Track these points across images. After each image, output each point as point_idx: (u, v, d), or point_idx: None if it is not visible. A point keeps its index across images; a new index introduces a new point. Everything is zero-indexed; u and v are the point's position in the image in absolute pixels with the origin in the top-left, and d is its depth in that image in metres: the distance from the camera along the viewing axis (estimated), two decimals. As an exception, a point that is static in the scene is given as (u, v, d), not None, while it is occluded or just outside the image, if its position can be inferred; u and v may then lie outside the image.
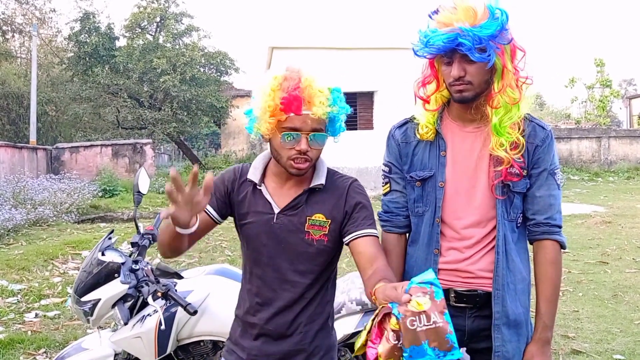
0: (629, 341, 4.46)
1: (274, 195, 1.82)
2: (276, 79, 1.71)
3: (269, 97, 1.69)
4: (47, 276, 6.74)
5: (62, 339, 4.52)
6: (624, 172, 22.19)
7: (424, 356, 1.28)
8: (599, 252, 8.03)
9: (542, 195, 1.84)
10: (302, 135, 1.69)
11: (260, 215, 1.81)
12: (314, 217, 1.79)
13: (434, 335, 1.29)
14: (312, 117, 1.69)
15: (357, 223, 1.78)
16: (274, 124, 1.70)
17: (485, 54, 1.68)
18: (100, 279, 2.55)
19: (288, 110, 1.68)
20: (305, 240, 1.79)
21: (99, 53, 23.75)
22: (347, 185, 1.84)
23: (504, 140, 1.78)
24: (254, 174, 1.84)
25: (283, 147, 1.71)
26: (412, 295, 1.31)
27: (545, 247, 1.85)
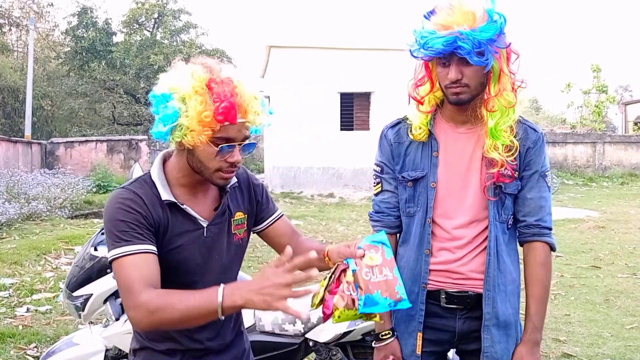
0: (619, 346, 4.47)
1: (193, 207, 1.62)
2: (200, 80, 1.48)
3: (200, 106, 1.45)
4: (40, 271, 6.71)
5: (54, 334, 4.50)
6: (618, 177, 22.29)
7: (376, 304, 1.38)
8: (591, 256, 8.06)
9: (532, 197, 1.85)
10: (237, 145, 1.53)
11: (188, 235, 1.61)
12: (236, 217, 1.71)
13: (385, 286, 1.41)
14: (248, 125, 1.54)
15: (268, 209, 1.79)
16: (208, 136, 1.48)
17: (484, 58, 1.69)
18: (93, 274, 2.55)
19: (224, 119, 1.47)
20: (234, 244, 1.71)
21: (96, 48, 23.73)
22: (247, 176, 1.79)
23: (499, 144, 1.79)
24: (167, 194, 1.58)
25: (213, 159, 1.52)
26: (365, 251, 1.43)
27: (536, 249, 1.86)
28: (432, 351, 1.91)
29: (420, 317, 1.87)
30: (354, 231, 10.20)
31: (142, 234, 1.50)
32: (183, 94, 1.47)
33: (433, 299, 1.88)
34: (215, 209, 1.67)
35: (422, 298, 1.87)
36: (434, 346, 1.90)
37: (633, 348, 4.42)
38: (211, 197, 1.68)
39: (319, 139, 16.08)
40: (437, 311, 1.87)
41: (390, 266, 1.43)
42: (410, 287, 1.89)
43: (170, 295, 1.40)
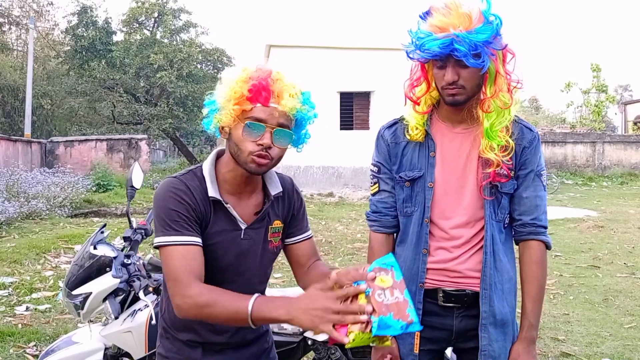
0: (618, 345, 4.48)
1: (236, 208, 1.67)
2: (245, 70, 1.60)
3: (236, 85, 1.57)
4: (39, 270, 6.72)
5: (53, 333, 4.51)
6: (618, 177, 22.31)
7: (389, 327, 1.37)
8: (590, 256, 8.07)
9: (528, 196, 1.86)
10: (267, 128, 1.57)
11: (226, 234, 1.66)
12: (274, 225, 1.75)
13: (396, 308, 1.39)
14: (280, 110, 1.58)
15: (300, 226, 1.82)
16: (238, 112, 1.57)
17: (480, 60, 1.69)
18: (92, 273, 2.54)
19: (255, 99, 1.56)
20: (269, 250, 1.75)
21: (96, 47, 23.71)
22: (291, 187, 1.82)
23: (494, 144, 1.79)
24: (214, 191, 1.64)
25: (245, 139, 1.57)
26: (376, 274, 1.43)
27: (531, 247, 1.87)
28: (430, 349, 1.91)
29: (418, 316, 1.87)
30: (353, 230, 10.20)
31: (191, 226, 1.58)
32: (225, 79, 1.61)
33: (430, 297, 1.88)
34: (256, 213, 1.71)
35: (419, 297, 1.87)
36: (431, 344, 1.91)
37: (631, 347, 4.43)
38: (254, 201, 1.73)
39: (319, 138, 15.94)
40: (435, 310, 1.88)
41: (400, 288, 1.42)
42: (408, 285, 1.89)
43: (220, 294, 1.47)
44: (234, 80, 1.58)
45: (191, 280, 1.50)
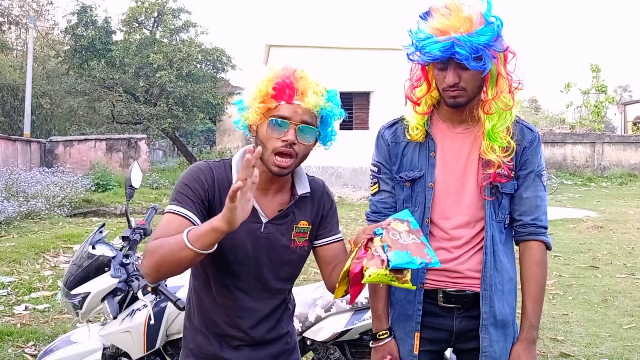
0: (617, 345, 4.48)
1: (258, 202, 1.70)
2: (272, 70, 1.67)
3: (261, 84, 1.64)
4: (38, 269, 6.72)
5: (52, 332, 4.50)
6: (617, 177, 22.32)
7: (407, 261, 1.40)
8: (590, 256, 8.07)
9: (529, 196, 1.86)
10: (291, 124, 1.62)
11: (246, 225, 1.60)
12: (300, 225, 1.76)
13: (414, 248, 1.43)
14: (304, 107, 1.63)
15: (330, 228, 1.83)
16: (263, 110, 1.63)
17: (481, 62, 1.69)
18: (91, 273, 2.54)
19: (279, 97, 1.62)
20: (291, 249, 1.75)
21: (96, 47, 23.67)
22: (322, 190, 1.84)
23: (496, 146, 1.79)
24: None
25: (270, 136, 1.62)
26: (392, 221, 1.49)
27: (532, 248, 1.86)
28: (430, 350, 1.91)
29: (417, 317, 1.87)
30: (352, 230, 10.20)
31: (193, 202, 1.63)
32: (252, 79, 1.67)
33: (430, 298, 1.88)
34: (280, 211, 1.74)
35: (419, 298, 1.87)
36: (431, 345, 1.90)
37: (631, 348, 4.43)
38: (280, 199, 1.76)
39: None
40: (435, 310, 1.88)
41: (417, 234, 1.46)
42: None
43: (167, 238, 1.50)
44: (260, 80, 1.65)
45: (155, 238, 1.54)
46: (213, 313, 1.76)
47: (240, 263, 1.70)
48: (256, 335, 1.76)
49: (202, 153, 28.47)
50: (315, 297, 2.81)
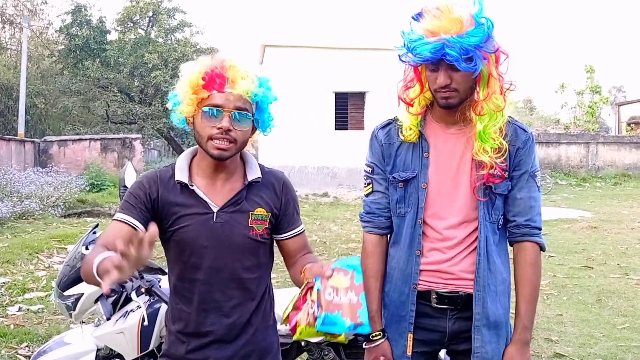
0: (611, 346, 4.50)
1: (207, 193, 1.74)
2: (201, 61, 1.70)
3: (192, 76, 1.67)
4: (32, 270, 6.69)
5: (45, 333, 4.48)
6: (611, 177, 22.41)
7: (335, 324, 1.43)
8: (584, 256, 8.10)
9: (522, 197, 1.86)
10: (225, 112, 1.65)
11: (196, 217, 1.72)
12: (257, 212, 1.77)
13: (347, 309, 1.45)
14: (235, 94, 1.66)
15: (290, 221, 1.85)
16: (196, 101, 1.67)
17: (472, 64, 1.69)
18: (84, 274, 2.53)
19: (210, 87, 1.66)
20: (250, 237, 1.76)
21: (90, 46, 23.62)
22: (281, 180, 1.86)
23: (488, 147, 1.79)
24: (181, 174, 1.74)
25: (205, 124, 1.67)
26: (334, 273, 1.49)
27: (526, 249, 1.86)
28: (423, 352, 1.91)
29: (410, 318, 1.87)
30: (347, 231, 10.21)
31: (134, 207, 1.70)
32: (184, 72, 1.70)
33: (424, 299, 1.88)
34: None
35: (412, 299, 1.87)
36: (424, 347, 1.90)
37: (624, 348, 4.45)
38: (231, 187, 1.77)
39: (314, 138, 16.06)
40: (428, 311, 1.88)
41: (357, 291, 1.48)
42: (401, 287, 1.89)
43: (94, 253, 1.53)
44: (191, 71, 1.68)
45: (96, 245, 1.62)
46: (182, 311, 1.79)
47: (198, 255, 1.73)
48: (224, 330, 1.76)
49: (197, 153, 28.42)
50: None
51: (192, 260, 1.74)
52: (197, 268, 1.74)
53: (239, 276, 1.76)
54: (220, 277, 1.75)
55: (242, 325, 1.79)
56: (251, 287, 1.80)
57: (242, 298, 1.78)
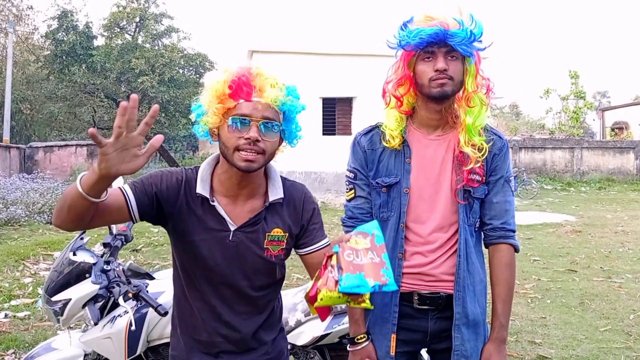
0: (593, 347, 4.57)
1: (227, 211, 1.68)
2: (227, 70, 1.62)
3: (218, 85, 1.60)
4: (18, 276, 6.65)
5: (32, 340, 4.47)
6: (596, 182, 22.65)
7: (358, 285, 1.36)
8: (568, 260, 8.19)
9: (498, 201, 1.93)
10: (253, 122, 1.57)
11: (212, 233, 1.67)
12: (273, 233, 1.71)
13: (369, 268, 1.38)
14: (263, 103, 1.58)
15: (313, 236, 1.79)
16: (222, 111, 1.59)
17: (469, 51, 1.79)
18: (71, 279, 2.54)
19: (237, 96, 1.58)
20: (264, 258, 1.71)
21: (76, 52, 23.52)
22: (302, 196, 1.79)
23: (475, 140, 1.86)
24: (203, 188, 1.67)
25: (231, 135, 1.58)
26: (352, 236, 1.45)
27: (501, 251, 1.93)
28: (406, 351, 1.96)
29: (394, 319, 1.92)
30: (335, 235, 10.22)
31: (140, 187, 1.63)
32: (208, 82, 1.63)
33: (406, 300, 1.92)
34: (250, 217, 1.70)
35: (395, 300, 1.91)
36: (407, 346, 1.95)
37: (606, 350, 4.52)
38: (251, 206, 1.71)
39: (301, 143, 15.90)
40: (410, 312, 1.92)
41: (378, 251, 1.42)
42: None
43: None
44: (216, 81, 1.61)
45: None
46: (190, 319, 1.76)
47: (211, 271, 1.69)
48: (233, 343, 1.75)
49: (185, 159, 28.34)
50: (296, 302, 2.84)
51: (203, 273, 1.70)
52: (208, 282, 1.71)
53: (249, 294, 1.73)
54: (231, 293, 1.72)
55: (251, 337, 1.76)
56: (261, 303, 1.77)
57: (251, 313, 1.76)
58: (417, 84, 1.85)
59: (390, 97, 1.94)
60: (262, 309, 1.79)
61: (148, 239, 9.00)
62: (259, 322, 1.78)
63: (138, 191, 1.62)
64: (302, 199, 1.79)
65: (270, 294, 1.80)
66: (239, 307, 1.74)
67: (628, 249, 9.08)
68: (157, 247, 8.68)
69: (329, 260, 1.44)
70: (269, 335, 1.82)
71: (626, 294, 6.25)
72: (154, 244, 8.85)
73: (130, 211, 1.60)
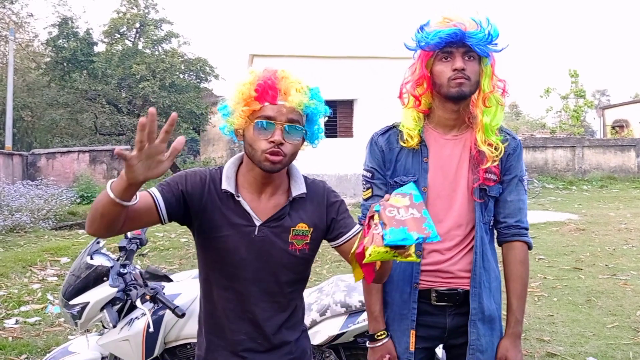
0: (601, 344, 4.60)
1: (252, 206, 1.72)
2: (252, 72, 1.67)
3: (244, 87, 1.64)
4: (26, 283, 6.69)
5: (44, 345, 4.51)
6: (598, 180, 22.66)
7: (403, 238, 1.38)
8: (573, 258, 8.21)
9: (512, 199, 1.98)
10: (277, 125, 1.62)
11: (238, 228, 1.70)
12: (298, 227, 1.74)
13: (412, 223, 1.41)
14: (288, 106, 1.63)
15: (346, 224, 1.79)
16: (248, 113, 1.64)
17: (486, 51, 1.84)
18: (89, 283, 2.58)
19: (262, 99, 1.63)
20: (289, 252, 1.74)
21: (77, 58, 23.57)
22: (323, 191, 1.82)
23: (492, 139, 1.91)
24: (228, 184, 1.71)
25: (257, 137, 1.63)
26: (392, 196, 1.48)
27: (515, 248, 1.98)
28: (424, 347, 2.00)
29: (412, 316, 1.95)
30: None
31: (167, 189, 1.67)
32: (235, 84, 1.68)
33: (424, 297, 1.96)
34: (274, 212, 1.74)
35: (414, 297, 1.95)
36: (425, 343, 1.99)
37: (614, 346, 4.55)
38: (275, 201, 1.75)
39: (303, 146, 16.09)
40: (428, 309, 1.96)
41: (418, 208, 1.45)
42: (402, 287, 1.98)
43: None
44: (242, 83, 1.65)
45: None
46: (216, 318, 1.78)
47: (236, 266, 1.72)
48: (256, 341, 1.76)
49: (186, 163, 28.36)
50: (310, 302, 2.87)
51: (229, 270, 1.73)
52: (233, 279, 1.73)
53: (274, 290, 1.75)
54: (256, 290, 1.74)
55: (274, 335, 1.78)
56: (285, 301, 1.79)
57: (276, 310, 1.77)
58: (435, 84, 1.89)
59: (409, 96, 1.97)
60: (285, 307, 1.80)
61: (154, 244, 9.03)
62: (282, 320, 1.79)
63: (165, 192, 1.66)
64: (324, 194, 1.82)
65: (294, 292, 1.82)
66: (263, 304, 1.75)
67: (632, 246, 9.10)
68: (162, 251, 8.72)
69: (371, 220, 1.47)
70: (292, 335, 1.83)
71: (632, 291, 6.28)
72: (159, 248, 8.89)
73: (159, 213, 1.64)
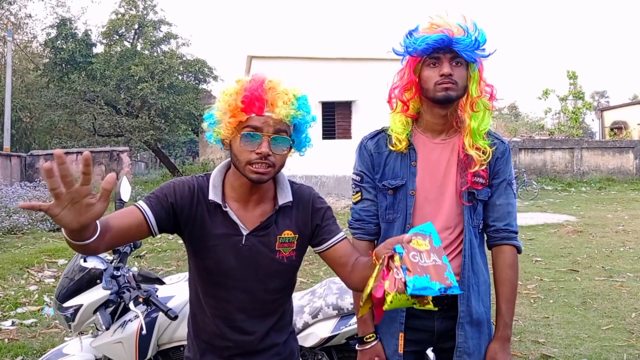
0: (596, 346, 4.61)
1: (239, 216, 1.72)
2: (239, 82, 1.65)
3: (230, 98, 1.62)
4: (23, 284, 6.69)
5: (40, 347, 4.51)
6: (596, 182, 22.70)
7: (426, 288, 1.34)
8: (570, 260, 8.22)
9: (501, 203, 1.99)
10: (264, 136, 1.60)
11: (226, 238, 1.71)
12: (284, 235, 1.75)
13: (434, 271, 1.37)
14: (275, 118, 1.61)
15: (330, 230, 1.79)
16: (234, 124, 1.62)
17: (473, 57, 1.85)
18: (82, 285, 2.59)
19: (249, 110, 1.60)
20: (276, 260, 1.74)
21: (76, 59, 23.60)
22: (309, 197, 1.81)
23: (480, 144, 1.92)
24: (215, 194, 1.71)
25: (243, 149, 1.61)
26: (413, 237, 1.43)
27: (505, 252, 1.98)
28: (413, 350, 2.00)
29: (401, 319, 1.96)
30: (337, 239, 10.24)
31: (156, 202, 1.66)
32: (222, 93, 1.66)
33: None
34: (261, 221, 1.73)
35: None
36: (414, 346, 2.00)
37: (609, 348, 4.56)
38: (262, 210, 1.75)
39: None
40: (416, 312, 1.95)
41: (439, 254, 1.41)
42: None
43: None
44: (228, 93, 1.63)
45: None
46: (204, 324, 1.80)
47: (225, 276, 1.73)
48: (245, 345, 1.78)
49: (185, 164, 28.39)
50: (303, 305, 2.88)
51: (217, 278, 1.74)
52: (222, 286, 1.74)
53: (263, 297, 1.77)
54: (244, 297, 1.75)
55: (263, 339, 1.79)
56: (273, 307, 1.80)
57: (264, 316, 1.79)
58: (423, 88, 1.91)
59: (397, 101, 1.98)
60: (273, 312, 1.82)
61: (151, 245, 9.04)
62: (270, 324, 1.81)
63: (154, 206, 1.65)
64: (309, 200, 1.81)
65: (282, 298, 1.83)
66: (252, 311, 1.77)
67: (629, 248, 9.12)
68: (160, 253, 8.73)
69: (390, 262, 1.42)
70: (280, 337, 1.85)
71: (628, 293, 6.29)
72: (157, 250, 8.90)
73: (150, 227, 1.63)
